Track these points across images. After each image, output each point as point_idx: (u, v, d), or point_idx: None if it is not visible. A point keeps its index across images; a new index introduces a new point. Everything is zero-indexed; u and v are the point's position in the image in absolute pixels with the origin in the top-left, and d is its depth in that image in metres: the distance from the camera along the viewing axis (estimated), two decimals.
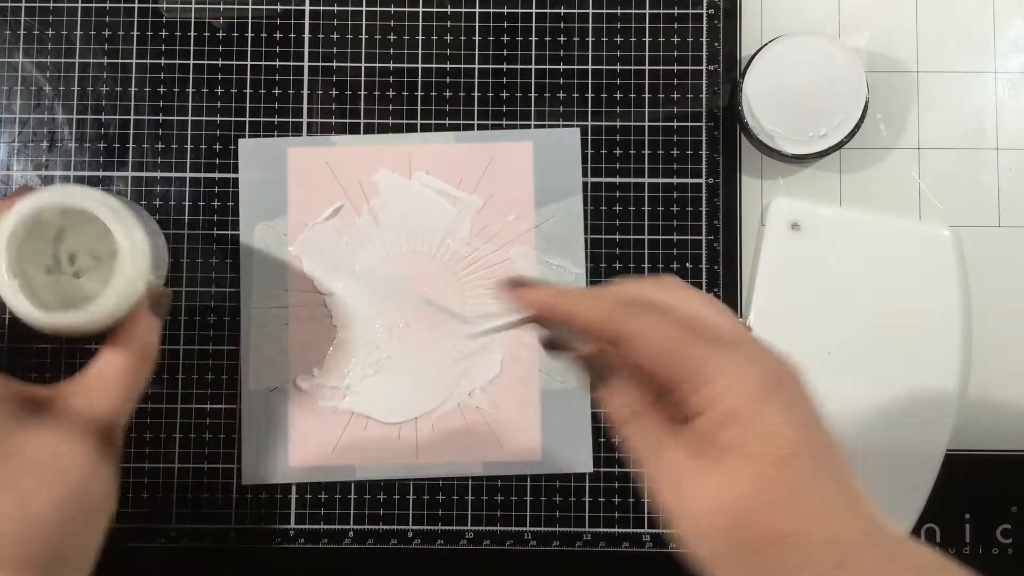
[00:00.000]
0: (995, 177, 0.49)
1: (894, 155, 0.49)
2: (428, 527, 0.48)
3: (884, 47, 0.50)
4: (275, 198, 0.49)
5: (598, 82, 0.49)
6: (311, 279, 0.48)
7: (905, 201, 0.49)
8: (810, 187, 0.49)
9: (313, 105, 0.49)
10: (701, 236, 0.49)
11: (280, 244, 0.49)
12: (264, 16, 0.50)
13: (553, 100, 0.49)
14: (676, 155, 0.49)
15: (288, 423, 0.48)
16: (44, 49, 0.49)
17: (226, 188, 0.49)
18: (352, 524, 0.48)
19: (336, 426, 0.48)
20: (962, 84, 0.49)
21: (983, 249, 0.49)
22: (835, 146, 0.47)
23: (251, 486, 0.48)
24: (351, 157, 0.49)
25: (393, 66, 0.50)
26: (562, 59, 0.50)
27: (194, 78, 0.49)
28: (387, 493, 0.48)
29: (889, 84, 0.49)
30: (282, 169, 0.49)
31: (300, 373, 0.48)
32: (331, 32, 0.50)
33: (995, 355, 0.48)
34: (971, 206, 0.49)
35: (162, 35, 0.49)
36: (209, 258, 0.49)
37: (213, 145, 0.49)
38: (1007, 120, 0.49)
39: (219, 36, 0.49)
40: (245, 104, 0.49)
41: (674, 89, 0.49)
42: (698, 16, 0.50)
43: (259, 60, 0.49)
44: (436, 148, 0.49)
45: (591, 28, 0.50)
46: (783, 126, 0.47)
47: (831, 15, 0.50)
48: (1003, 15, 0.50)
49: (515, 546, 0.48)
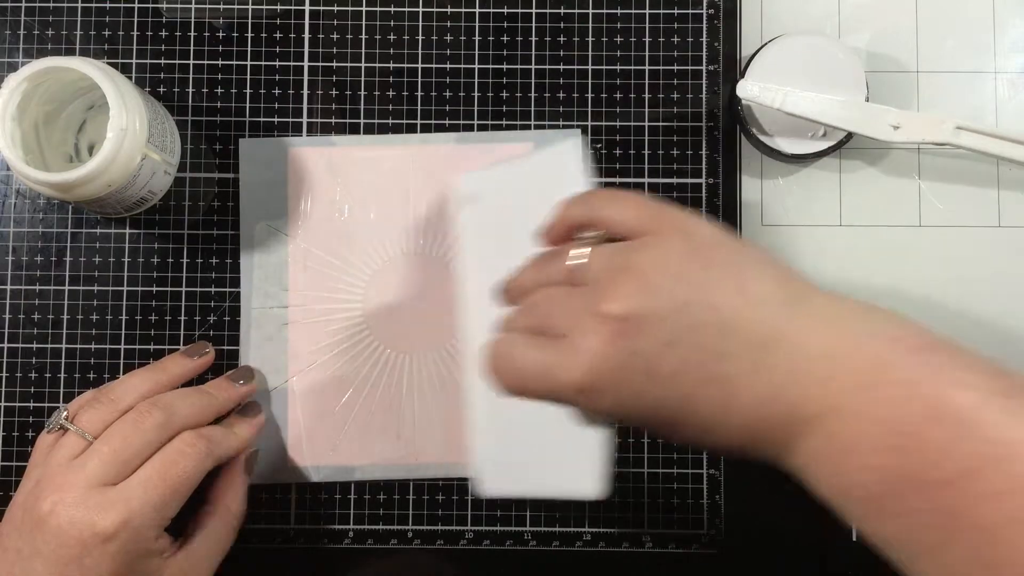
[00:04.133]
0: (995, 177, 0.49)
1: (894, 155, 0.49)
2: (428, 527, 0.48)
3: (884, 47, 0.50)
4: (276, 198, 0.49)
5: (598, 82, 0.49)
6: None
7: (905, 201, 0.49)
8: (810, 187, 0.49)
9: (313, 105, 0.49)
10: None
11: (280, 244, 0.49)
12: (264, 16, 0.50)
13: (553, 100, 0.49)
14: (676, 155, 0.49)
15: (288, 423, 0.48)
16: (44, 49, 0.49)
17: (226, 188, 0.49)
18: (352, 524, 0.48)
19: (336, 426, 0.48)
20: (962, 84, 0.49)
21: (983, 249, 0.49)
22: (835, 146, 0.47)
23: (251, 486, 0.48)
24: (352, 157, 0.49)
25: (393, 66, 0.50)
26: (562, 59, 0.50)
27: (194, 78, 0.49)
28: (387, 493, 0.48)
29: (889, 84, 0.49)
30: (283, 169, 0.49)
31: (299, 373, 0.48)
32: (331, 32, 0.50)
33: (996, 355, 0.48)
34: (971, 206, 0.49)
35: (162, 35, 0.49)
36: (209, 258, 0.49)
37: (213, 145, 0.49)
38: (1007, 120, 0.49)
39: (219, 36, 0.49)
40: (245, 104, 0.49)
41: (674, 89, 0.49)
42: (698, 16, 0.50)
43: (259, 60, 0.49)
44: (437, 149, 0.49)
45: (591, 28, 0.50)
46: (783, 126, 0.47)
47: (831, 15, 0.50)
48: (1003, 15, 0.50)
49: (515, 546, 0.48)
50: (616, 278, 0.32)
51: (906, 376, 0.30)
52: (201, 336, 0.48)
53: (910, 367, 0.30)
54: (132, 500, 0.39)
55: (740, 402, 0.31)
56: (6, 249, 0.49)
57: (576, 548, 0.48)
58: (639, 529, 0.48)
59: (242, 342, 0.48)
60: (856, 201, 0.49)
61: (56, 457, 0.40)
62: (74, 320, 0.48)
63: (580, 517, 0.48)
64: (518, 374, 0.34)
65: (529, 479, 0.42)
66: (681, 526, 0.48)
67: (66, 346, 0.48)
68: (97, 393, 0.43)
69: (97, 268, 0.49)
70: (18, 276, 0.49)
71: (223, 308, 0.49)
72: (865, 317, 0.32)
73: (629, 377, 0.31)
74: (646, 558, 0.48)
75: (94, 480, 0.39)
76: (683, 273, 0.32)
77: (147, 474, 0.40)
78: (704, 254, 0.32)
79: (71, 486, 0.39)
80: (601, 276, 0.33)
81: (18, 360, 0.48)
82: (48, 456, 0.41)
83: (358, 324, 0.48)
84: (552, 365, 0.32)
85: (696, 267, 0.32)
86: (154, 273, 0.49)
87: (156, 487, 0.39)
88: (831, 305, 0.32)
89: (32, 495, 0.40)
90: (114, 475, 0.39)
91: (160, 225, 0.49)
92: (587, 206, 0.36)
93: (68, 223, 0.49)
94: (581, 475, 0.39)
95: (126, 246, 0.49)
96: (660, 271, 0.32)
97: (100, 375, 0.48)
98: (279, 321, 0.48)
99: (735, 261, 0.32)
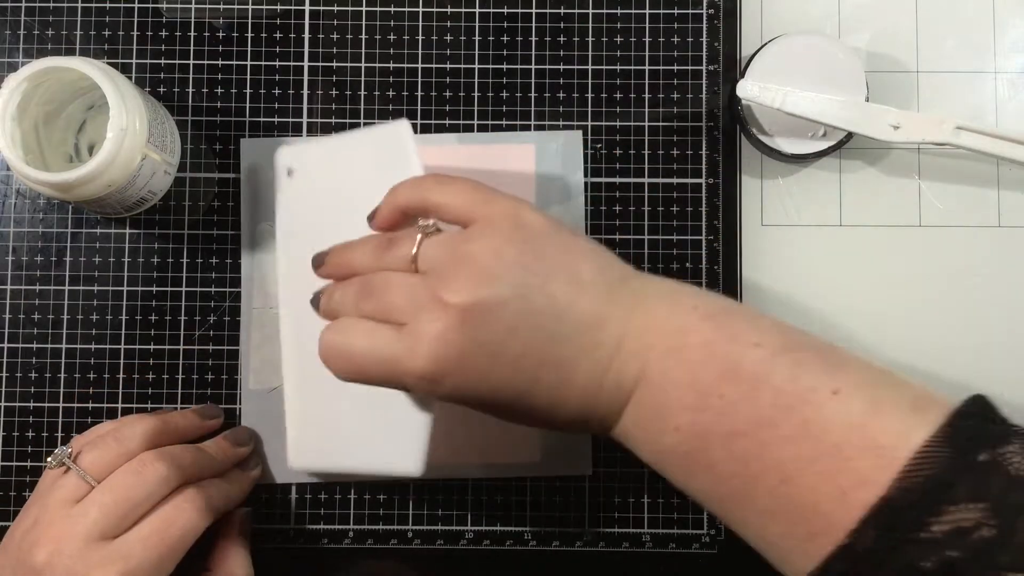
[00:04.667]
0: (995, 177, 0.49)
1: (894, 155, 0.49)
2: (428, 527, 0.48)
3: (884, 47, 0.50)
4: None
5: (598, 82, 0.49)
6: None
7: (905, 201, 0.49)
8: (810, 187, 0.49)
9: (313, 105, 0.49)
10: (701, 236, 0.49)
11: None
12: (264, 16, 0.50)
13: (553, 100, 0.49)
14: (676, 155, 0.49)
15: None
16: (44, 49, 0.49)
17: (226, 188, 0.49)
18: (352, 524, 0.48)
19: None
20: (962, 84, 0.49)
21: (983, 249, 0.49)
22: (835, 146, 0.47)
23: None
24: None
25: (393, 66, 0.50)
26: (562, 59, 0.49)
27: (194, 78, 0.49)
28: (387, 493, 0.48)
29: (889, 84, 0.49)
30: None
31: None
32: (331, 32, 0.50)
33: (996, 355, 0.48)
34: (971, 206, 0.49)
35: (162, 35, 0.49)
36: (209, 258, 0.49)
37: (213, 145, 0.49)
38: (1007, 120, 0.49)
39: (219, 36, 0.49)
40: (245, 104, 0.49)
41: (674, 89, 0.49)
42: (698, 16, 0.50)
43: (259, 60, 0.49)
44: (438, 149, 0.49)
45: (591, 28, 0.50)
46: (783, 126, 0.47)
47: (831, 15, 0.50)
48: (1003, 15, 0.50)
49: (515, 546, 0.48)
50: (456, 267, 0.33)
51: (702, 339, 0.32)
52: (201, 336, 0.48)
53: (706, 330, 0.33)
54: (131, 558, 0.38)
55: (576, 381, 0.33)
56: (6, 249, 0.49)
57: (576, 548, 0.48)
58: (639, 529, 0.48)
59: (242, 342, 0.48)
60: (856, 201, 0.49)
61: (55, 498, 0.40)
62: (74, 320, 0.48)
63: (580, 517, 0.48)
64: (358, 361, 0.35)
65: (344, 454, 0.43)
66: (681, 526, 0.48)
67: (66, 346, 0.48)
68: (103, 432, 0.42)
69: (97, 268, 0.49)
70: (18, 276, 0.49)
71: (223, 308, 0.49)
72: (672, 293, 0.35)
73: (472, 363, 0.33)
74: (646, 558, 0.48)
75: (94, 532, 0.38)
76: (520, 263, 0.33)
77: (147, 531, 0.39)
78: (538, 243, 0.34)
79: (69, 537, 0.38)
80: (440, 265, 0.34)
81: (18, 360, 0.48)
82: (47, 495, 0.40)
83: None
84: (395, 353, 0.33)
85: (531, 257, 0.34)
86: (154, 273, 0.49)
87: (155, 545, 0.39)
88: (646, 286, 0.35)
89: (29, 537, 0.39)
90: (113, 527, 0.39)
91: (160, 225, 0.49)
92: (417, 191, 0.37)
93: (68, 223, 0.49)
94: (401, 452, 0.40)
95: (126, 246, 0.49)
96: (496, 260, 0.33)
97: (100, 375, 0.48)
98: (279, 321, 0.48)
99: (566, 250, 0.35)
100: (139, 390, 0.48)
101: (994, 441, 0.28)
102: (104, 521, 0.39)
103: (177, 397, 0.48)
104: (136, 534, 0.39)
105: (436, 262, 0.34)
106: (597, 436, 0.35)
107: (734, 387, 0.31)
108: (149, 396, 0.48)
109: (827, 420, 0.30)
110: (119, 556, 0.38)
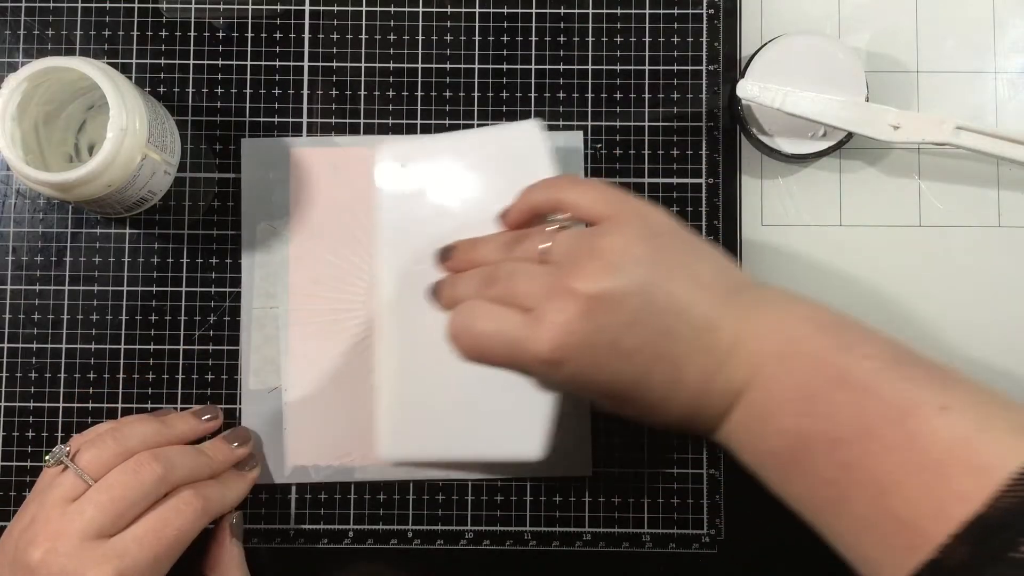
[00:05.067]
0: (995, 177, 0.49)
1: (894, 155, 0.49)
2: (428, 527, 0.48)
3: (884, 47, 0.50)
4: (277, 198, 0.49)
5: (598, 82, 0.49)
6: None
7: (905, 201, 0.49)
8: (810, 187, 0.49)
9: (313, 105, 0.49)
10: (701, 236, 0.49)
11: (281, 244, 0.49)
12: (264, 16, 0.50)
13: (553, 100, 0.49)
14: (676, 155, 0.49)
15: (288, 423, 0.48)
16: (44, 49, 0.49)
17: (226, 188, 0.49)
18: (352, 524, 0.48)
19: (336, 426, 0.48)
20: (962, 84, 0.49)
21: (983, 249, 0.49)
22: (835, 146, 0.47)
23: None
24: (354, 158, 0.49)
25: (393, 66, 0.50)
26: (562, 59, 0.50)
27: (194, 78, 0.49)
28: (387, 493, 0.48)
29: (889, 84, 0.49)
30: (285, 169, 0.49)
31: (299, 373, 0.48)
32: (331, 32, 0.50)
33: (996, 355, 0.48)
34: (971, 206, 0.49)
35: (162, 35, 0.49)
36: (209, 258, 0.49)
37: (213, 145, 0.49)
38: (1007, 120, 0.49)
39: (219, 36, 0.50)
40: (245, 104, 0.49)
41: (674, 89, 0.49)
42: (698, 16, 0.50)
43: (259, 60, 0.49)
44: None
45: (591, 28, 0.50)
46: (783, 126, 0.47)
47: (831, 15, 0.50)
48: (1003, 15, 0.50)
49: (515, 546, 0.48)
50: (584, 258, 0.34)
51: (814, 348, 0.33)
52: (201, 336, 0.48)
53: (819, 340, 0.33)
54: (126, 556, 0.38)
55: (687, 379, 0.34)
56: (6, 249, 0.49)
57: (576, 548, 0.48)
58: (639, 529, 0.48)
59: (242, 342, 0.48)
60: (856, 201, 0.49)
61: (53, 496, 0.40)
62: (74, 320, 0.48)
63: (580, 517, 0.48)
64: (484, 342, 0.35)
65: (448, 444, 0.43)
66: (681, 526, 0.48)
67: (66, 346, 0.48)
68: (102, 431, 0.42)
69: (97, 268, 0.49)
70: (18, 276, 0.49)
71: (223, 308, 0.49)
72: (786, 302, 0.35)
73: (592, 351, 0.33)
74: (646, 558, 0.48)
75: (90, 530, 0.38)
76: (644, 258, 0.34)
77: (142, 530, 0.39)
78: (662, 242, 0.35)
79: (65, 535, 0.38)
80: (569, 256, 0.35)
81: (18, 360, 0.48)
82: (45, 493, 0.40)
83: (359, 324, 0.48)
84: (519, 336, 0.34)
85: (657, 255, 0.35)
86: (154, 273, 0.49)
87: (151, 545, 0.39)
88: (763, 293, 0.36)
89: (26, 535, 0.39)
90: (109, 526, 0.39)
91: (160, 225, 0.49)
92: (551, 191, 0.38)
93: (68, 223, 0.49)
94: (522, 436, 0.41)
95: (126, 246, 0.49)
96: (624, 255, 0.34)
97: (100, 375, 0.48)
98: (279, 321, 0.48)
99: (689, 252, 0.36)
100: (139, 390, 0.48)
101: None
102: (100, 519, 0.39)
103: (177, 397, 0.48)
104: (132, 533, 0.39)
105: (568, 254, 0.35)
106: (700, 437, 0.36)
107: (842, 395, 0.32)
108: (149, 396, 0.48)
109: (933, 435, 0.30)
110: (114, 554, 0.38)
